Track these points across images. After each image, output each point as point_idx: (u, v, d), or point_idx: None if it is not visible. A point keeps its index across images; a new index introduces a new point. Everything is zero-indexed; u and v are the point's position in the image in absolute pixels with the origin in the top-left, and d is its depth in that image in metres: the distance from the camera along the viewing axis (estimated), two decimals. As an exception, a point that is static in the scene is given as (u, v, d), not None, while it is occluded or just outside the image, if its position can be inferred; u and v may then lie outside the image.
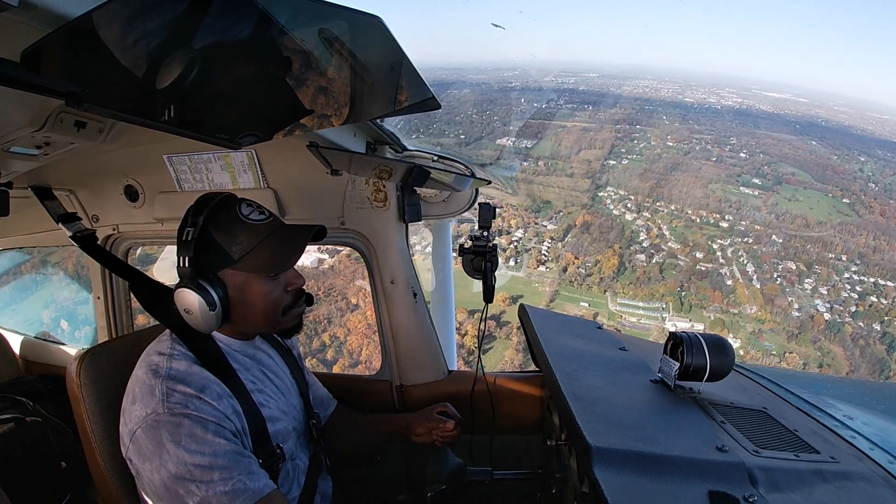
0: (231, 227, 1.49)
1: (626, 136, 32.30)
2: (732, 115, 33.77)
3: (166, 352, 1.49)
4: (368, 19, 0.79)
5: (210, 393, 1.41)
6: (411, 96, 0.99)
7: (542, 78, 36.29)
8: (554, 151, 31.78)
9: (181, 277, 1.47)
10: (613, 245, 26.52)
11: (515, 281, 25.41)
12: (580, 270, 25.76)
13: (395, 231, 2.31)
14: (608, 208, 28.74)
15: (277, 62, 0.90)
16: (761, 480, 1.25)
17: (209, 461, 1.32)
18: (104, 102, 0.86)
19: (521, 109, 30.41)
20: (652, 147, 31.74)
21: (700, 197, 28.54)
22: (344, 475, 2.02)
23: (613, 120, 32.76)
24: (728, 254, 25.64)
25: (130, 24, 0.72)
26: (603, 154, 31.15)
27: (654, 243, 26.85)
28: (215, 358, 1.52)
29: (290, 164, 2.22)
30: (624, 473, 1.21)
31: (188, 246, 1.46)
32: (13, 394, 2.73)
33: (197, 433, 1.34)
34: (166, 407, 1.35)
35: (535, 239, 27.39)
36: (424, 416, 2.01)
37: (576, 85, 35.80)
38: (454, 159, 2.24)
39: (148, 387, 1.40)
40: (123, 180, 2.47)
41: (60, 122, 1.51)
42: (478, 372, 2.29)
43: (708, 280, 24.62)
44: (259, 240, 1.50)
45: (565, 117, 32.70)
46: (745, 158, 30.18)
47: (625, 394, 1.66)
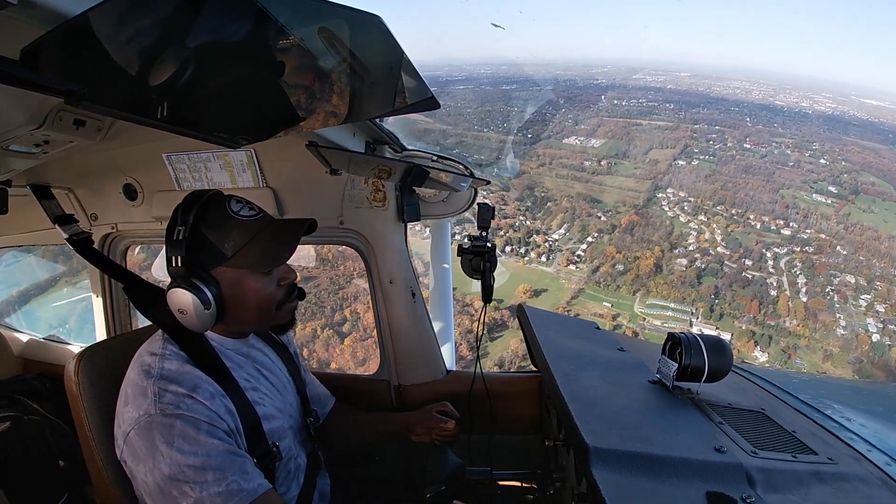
0: (222, 225, 1.48)
1: (702, 137, 32.02)
2: (822, 120, 33.08)
3: (158, 352, 1.48)
4: (368, 18, 0.79)
5: (202, 392, 1.40)
6: (411, 96, 0.99)
7: (630, 76, 36.17)
8: (621, 150, 31.72)
9: (173, 277, 1.46)
10: (654, 247, 26.37)
11: (543, 275, 25.58)
12: (617, 267, 25.72)
13: (393, 231, 2.31)
14: (662, 210, 28.56)
15: (276, 61, 0.90)
16: (759, 481, 1.25)
17: (202, 462, 1.32)
18: (103, 101, 0.86)
19: (598, 107, 30.51)
20: (727, 149, 31.43)
21: (766, 202, 28.13)
22: (342, 474, 2.02)
23: (693, 120, 32.61)
24: (781, 263, 25.05)
25: (129, 22, 0.72)
26: (673, 154, 31.02)
27: (701, 247, 26.60)
28: (208, 357, 1.51)
29: (289, 163, 2.22)
30: (622, 474, 1.21)
31: (180, 245, 1.45)
32: (11, 392, 2.73)
33: (189, 433, 1.33)
34: (158, 408, 1.34)
35: (577, 236, 27.46)
36: (424, 416, 2.01)
37: (664, 84, 35.81)
38: (453, 159, 2.24)
39: (140, 388, 1.39)
40: (122, 179, 2.47)
41: (59, 120, 1.51)
42: (476, 372, 2.29)
43: (750, 289, 24.17)
44: (251, 236, 1.50)
45: (643, 115, 32.72)
46: (824, 165, 29.54)
47: (623, 394, 1.66)
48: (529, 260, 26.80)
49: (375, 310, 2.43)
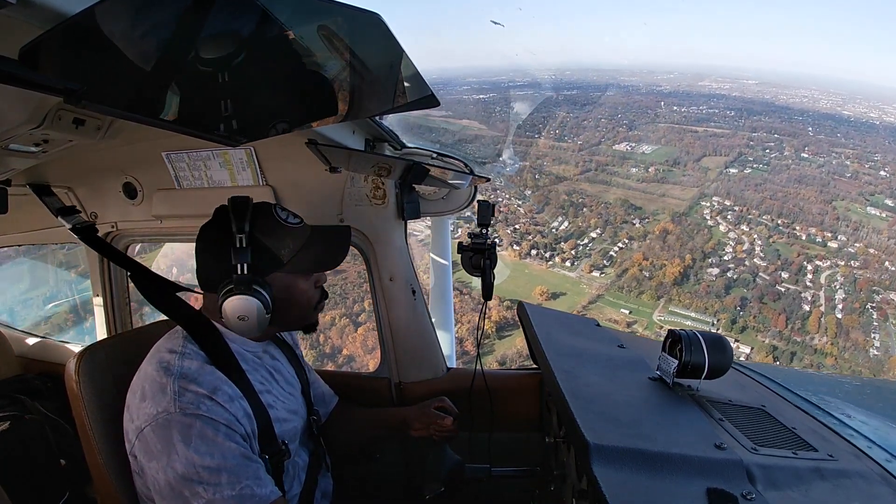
0: (275, 232, 1.56)
1: (759, 145, 31.36)
2: (889, 132, 32.04)
3: (178, 349, 1.48)
4: (367, 17, 0.79)
5: (222, 394, 1.40)
6: (410, 94, 0.99)
7: (696, 83, 35.63)
8: (671, 157, 31.21)
9: (235, 284, 1.48)
10: (685, 255, 25.92)
11: (564, 279, 25.48)
12: (644, 273, 25.45)
13: (393, 228, 2.31)
14: (703, 218, 27.99)
15: (276, 59, 0.90)
16: (759, 478, 1.25)
17: (218, 463, 1.32)
18: (103, 100, 0.85)
19: (655, 114, 30.00)
20: (783, 158, 30.66)
21: (816, 213, 27.32)
22: (343, 472, 2.03)
23: (752, 127, 31.95)
24: (821, 277, 24.23)
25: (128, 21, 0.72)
26: (725, 162, 30.48)
27: (737, 257, 25.94)
28: (227, 358, 1.52)
29: (288, 161, 2.22)
30: (622, 471, 1.22)
31: (245, 252, 1.48)
32: (12, 392, 2.73)
33: (208, 434, 1.34)
34: (178, 406, 1.35)
35: (607, 242, 27.30)
36: (422, 411, 2.02)
37: (730, 91, 35.04)
38: (453, 157, 2.23)
39: (159, 384, 1.39)
40: (122, 177, 2.47)
41: (59, 119, 1.50)
42: (476, 369, 2.29)
43: (781, 302, 23.59)
44: (302, 242, 1.59)
45: (700, 122, 32.06)
46: (884, 177, 28.63)
47: (623, 391, 1.66)
48: (553, 264, 26.72)
49: (376, 307, 2.43)
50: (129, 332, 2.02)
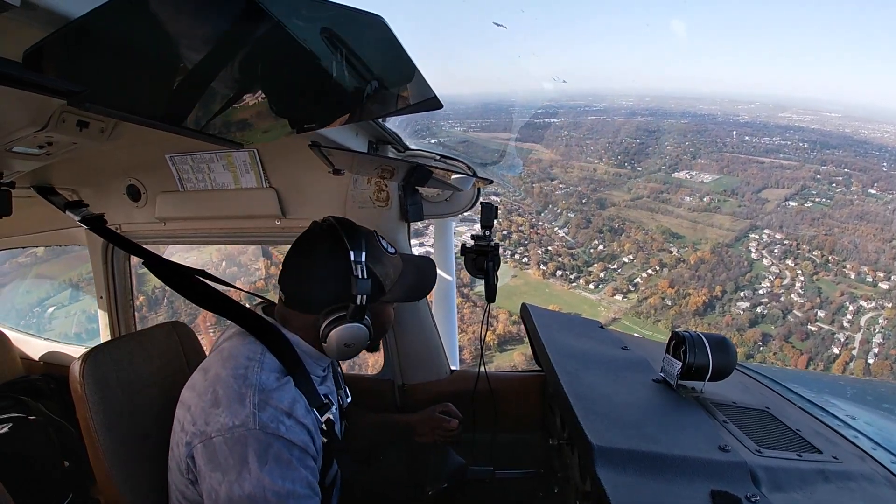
0: (381, 261, 1.58)
1: (825, 179, 30.31)
2: None
3: (256, 357, 1.43)
4: (370, 19, 0.79)
5: (299, 409, 1.38)
6: (413, 96, 0.99)
7: (776, 113, 34.34)
8: (730, 187, 30.47)
9: (351, 315, 1.49)
10: (715, 286, 25.23)
11: (583, 301, 25.38)
12: (666, 301, 25.02)
13: (397, 230, 2.31)
14: (748, 251, 27.23)
15: (278, 62, 0.90)
16: (764, 480, 1.25)
17: (288, 490, 1.29)
18: (106, 102, 0.86)
19: (724, 143, 29.06)
20: (849, 193, 29.49)
21: (871, 251, 26.21)
22: (345, 474, 2.02)
23: (821, 160, 31.02)
24: (861, 320, 23.11)
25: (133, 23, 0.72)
26: (786, 194, 29.59)
27: (773, 292, 25.09)
28: (302, 372, 1.49)
29: (292, 163, 2.22)
30: (626, 473, 1.21)
31: (365, 282, 1.49)
32: (16, 393, 2.74)
33: (283, 458, 1.31)
34: (258, 423, 1.30)
35: (640, 265, 26.98)
36: (427, 416, 2.02)
37: (810, 123, 33.71)
38: (456, 158, 2.24)
39: (237, 393, 1.34)
40: (126, 180, 2.48)
41: (63, 121, 1.50)
42: (479, 371, 2.29)
43: (810, 341, 22.68)
44: (399, 271, 1.63)
45: (769, 153, 31.24)
46: None
47: (627, 393, 1.66)
48: (577, 286, 26.44)
49: None
50: (132, 333, 2.02)
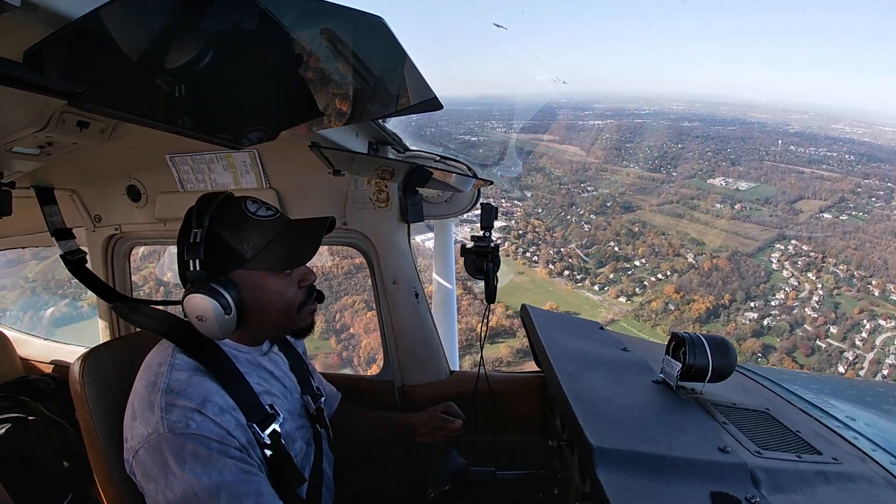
0: (240, 226, 1.44)
1: (865, 192, 29.32)
2: None
3: (166, 361, 1.41)
4: (371, 20, 0.79)
5: (211, 407, 1.34)
6: (413, 97, 0.99)
7: (829, 125, 33.47)
8: (765, 196, 29.74)
9: (191, 282, 1.40)
10: (724, 294, 24.68)
11: (584, 301, 25.16)
12: (669, 306, 24.68)
13: (397, 231, 2.31)
14: (769, 261, 26.48)
15: (280, 62, 0.90)
16: (763, 481, 1.24)
17: (216, 482, 1.27)
18: (107, 103, 0.86)
19: (766, 151, 28.08)
20: (888, 208, 28.48)
21: None
22: (346, 475, 2.02)
23: (864, 174, 30.10)
24: (877, 339, 22.36)
25: (133, 23, 0.72)
26: (821, 206, 28.74)
27: (786, 304, 24.32)
28: (219, 362, 1.45)
29: (292, 164, 2.22)
30: (626, 474, 1.21)
31: (196, 248, 1.39)
32: (16, 393, 2.74)
33: (201, 454, 1.28)
34: (167, 425, 1.29)
35: (651, 269, 26.61)
36: (428, 416, 2.00)
37: (861, 136, 32.94)
38: (456, 159, 2.24)
39: (147, 402, 1.34)
40: (126, 180, 2.48)
41: (63, 122, 1.50)
42: (480, 372, 2.29)
43: (816, 357, 22.05)
44: (271, 236, 1.46)
45: (811, 164, 30.49)
46: None
47: (627, 394, 1.65)
48: (581, 286, 26.09)
49: (379, 310, 2.43)
50: (133, 333, 2.02)
